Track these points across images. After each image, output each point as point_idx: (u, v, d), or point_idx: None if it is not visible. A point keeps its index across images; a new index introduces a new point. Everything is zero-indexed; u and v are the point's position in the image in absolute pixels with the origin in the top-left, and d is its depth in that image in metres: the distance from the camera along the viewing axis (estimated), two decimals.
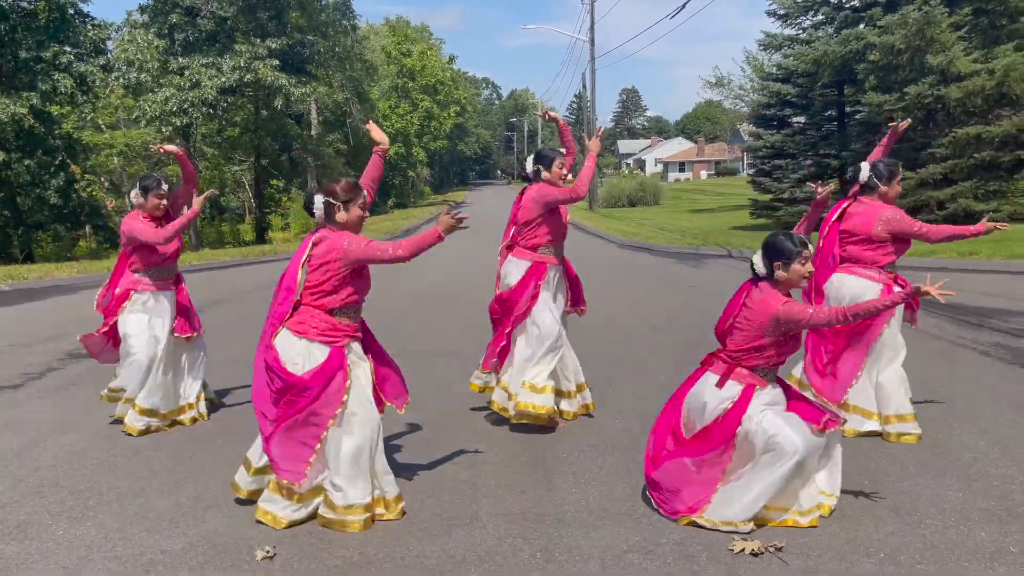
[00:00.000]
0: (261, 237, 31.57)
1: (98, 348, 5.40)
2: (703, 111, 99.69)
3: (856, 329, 4.68)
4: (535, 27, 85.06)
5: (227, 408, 5.71)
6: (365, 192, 3.80)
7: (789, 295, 3.64)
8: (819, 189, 4.73)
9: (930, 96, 17.58)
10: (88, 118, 30.20)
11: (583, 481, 4.19)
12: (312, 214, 3.70)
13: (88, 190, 30.76)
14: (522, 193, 5.15)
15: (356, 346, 3.81)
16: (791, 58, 22.12)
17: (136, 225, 5.07)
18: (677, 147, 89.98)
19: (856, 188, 4.91)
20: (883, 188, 4.80)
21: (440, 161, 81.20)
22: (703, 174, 78.18)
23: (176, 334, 5.26)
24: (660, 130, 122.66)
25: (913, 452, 4.48)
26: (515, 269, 5.02)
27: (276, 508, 3.66)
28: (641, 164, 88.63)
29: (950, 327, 8.08)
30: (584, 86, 43.62)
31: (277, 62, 25.14)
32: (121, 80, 24.31)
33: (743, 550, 3.34)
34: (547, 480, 4.21)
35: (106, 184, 36.49)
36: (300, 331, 3.62)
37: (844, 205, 4.92)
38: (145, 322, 5.14)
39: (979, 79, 17.14)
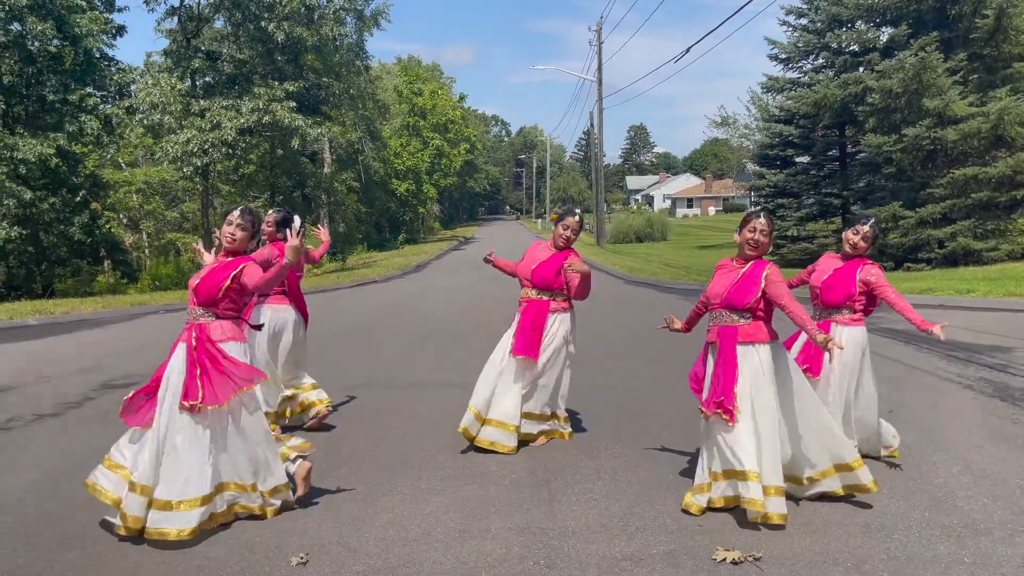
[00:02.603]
0: None
1: None
2: (711, 148, 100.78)
3: None
4: (544, 67, 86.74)
5: None
6: None
7: None
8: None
9: (927, 138, 18.11)
10: (109, 156, 31.10)
11: (583, 500, 4.59)
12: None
13: (107, 226, 31.56)
14: None
15: None
16: (793, 100, 22.73)
17: None
18: (685, 183, 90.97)
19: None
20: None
21: (450, 197, 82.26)
22: (711, 210, 78.90)
23: None
24: (668, 166, 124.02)
25: (888, 476, 4.87)
26: None
27: None
28: (649, 200, 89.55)
29: (940, 362, 8.46)
30: (592, 124, 44.48)
31: (294, 104, 25.95)
32: (145, 121, 25.14)
33: (725, 559, 3.74)
34: (551, 498, 4.62)
35: (124, 220, 37.34)
36: None
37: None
38: None
39: (975, 122, 17.68)
